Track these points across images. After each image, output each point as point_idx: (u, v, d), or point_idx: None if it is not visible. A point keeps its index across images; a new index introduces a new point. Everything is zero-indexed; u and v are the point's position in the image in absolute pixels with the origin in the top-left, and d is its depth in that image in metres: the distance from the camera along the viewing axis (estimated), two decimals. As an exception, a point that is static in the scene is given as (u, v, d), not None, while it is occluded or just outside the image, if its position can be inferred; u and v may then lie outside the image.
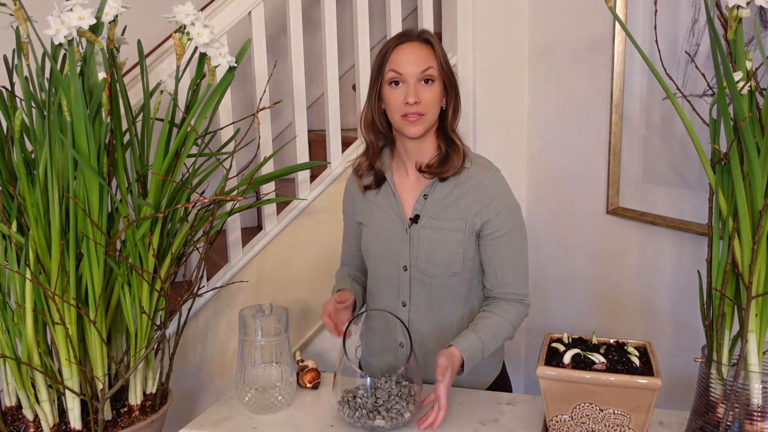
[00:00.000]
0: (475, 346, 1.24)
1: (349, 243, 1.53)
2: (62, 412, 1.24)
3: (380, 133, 1.38)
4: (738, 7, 0.94)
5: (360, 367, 1.53)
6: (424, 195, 1.35)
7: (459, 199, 1.33)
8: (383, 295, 1.41)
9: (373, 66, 1.34)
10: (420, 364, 1.28)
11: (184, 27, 1.19)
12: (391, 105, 1.30)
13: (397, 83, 1.29)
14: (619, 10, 1.66)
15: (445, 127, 1.34)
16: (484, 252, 1.33)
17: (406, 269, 1.35)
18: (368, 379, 1.19)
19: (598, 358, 1.06)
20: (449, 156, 1.33)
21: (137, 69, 1.60)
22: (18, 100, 1.21)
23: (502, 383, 1.46)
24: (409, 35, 1.31)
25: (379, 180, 1.40)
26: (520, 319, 1.35)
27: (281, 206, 1.93)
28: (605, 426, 1.04)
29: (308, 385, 1.36)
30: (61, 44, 1.07)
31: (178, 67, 1.23)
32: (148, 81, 1.27)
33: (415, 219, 1.34)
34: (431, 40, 1.31)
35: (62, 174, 1.14)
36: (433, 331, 1.37)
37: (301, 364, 1.40)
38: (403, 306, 1.37)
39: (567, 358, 1.06)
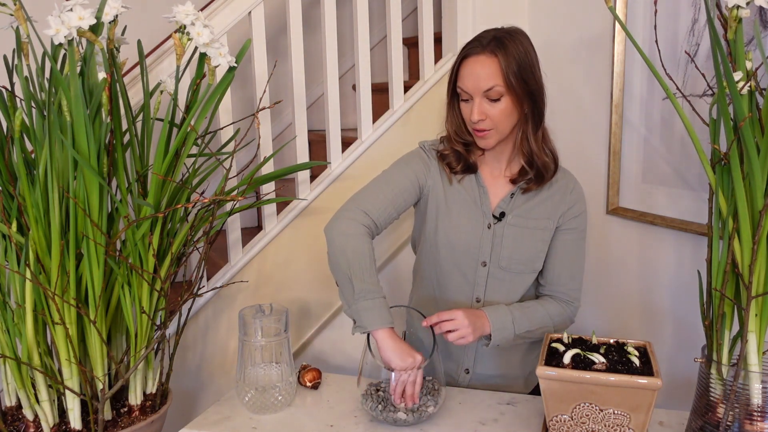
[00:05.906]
0: (504, 314, 1.28)
1: (385, 195, 1.33)
2: (62, 412, 1.24)
3: (461, 144, 1.35)
4: (738, 7, 0.94)
5: None
6: (511, 194, 1.35)
7: (547, 199, 1.35)
8: (456, 289, 1.38)
9: (449, 78, 1.31)
10: (487, 357, 1.36)
11: (184, 27, 1.19)
12: (465, 119, 1.31)
13: (466, 99, 1.27)
14: (619, 10, 1.66)
15: (522, 137, 1.32)
16: (550, 245, 1.37)
17: (485, 265, 1.35)
18: (392, 373, 1.19)
19: (598, 358, 1.06)
20: (526, 171, 1.33)
21: (137, 69, 1.60)
22: (18, 100, 1.21)
23: None
24: (477, 45, 1.25)
25: (468, 167, 1.36)
26: (561, 318, 1.36)
27: (281, 206, 1.93)
28: (605, 426, 1.04)
29: (308, 384, 1.36)
30: (61, 44, 1.07)
31: (178, 67, 1.23)
32: (148, 81, 1.27)
33: (500, 216, 1.34)
34: (497, 52, 1.22)
35: (62, 174, 1.14)
36: None
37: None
38: (477, 302, 1.37)
39: (567, 358, 1.06)
